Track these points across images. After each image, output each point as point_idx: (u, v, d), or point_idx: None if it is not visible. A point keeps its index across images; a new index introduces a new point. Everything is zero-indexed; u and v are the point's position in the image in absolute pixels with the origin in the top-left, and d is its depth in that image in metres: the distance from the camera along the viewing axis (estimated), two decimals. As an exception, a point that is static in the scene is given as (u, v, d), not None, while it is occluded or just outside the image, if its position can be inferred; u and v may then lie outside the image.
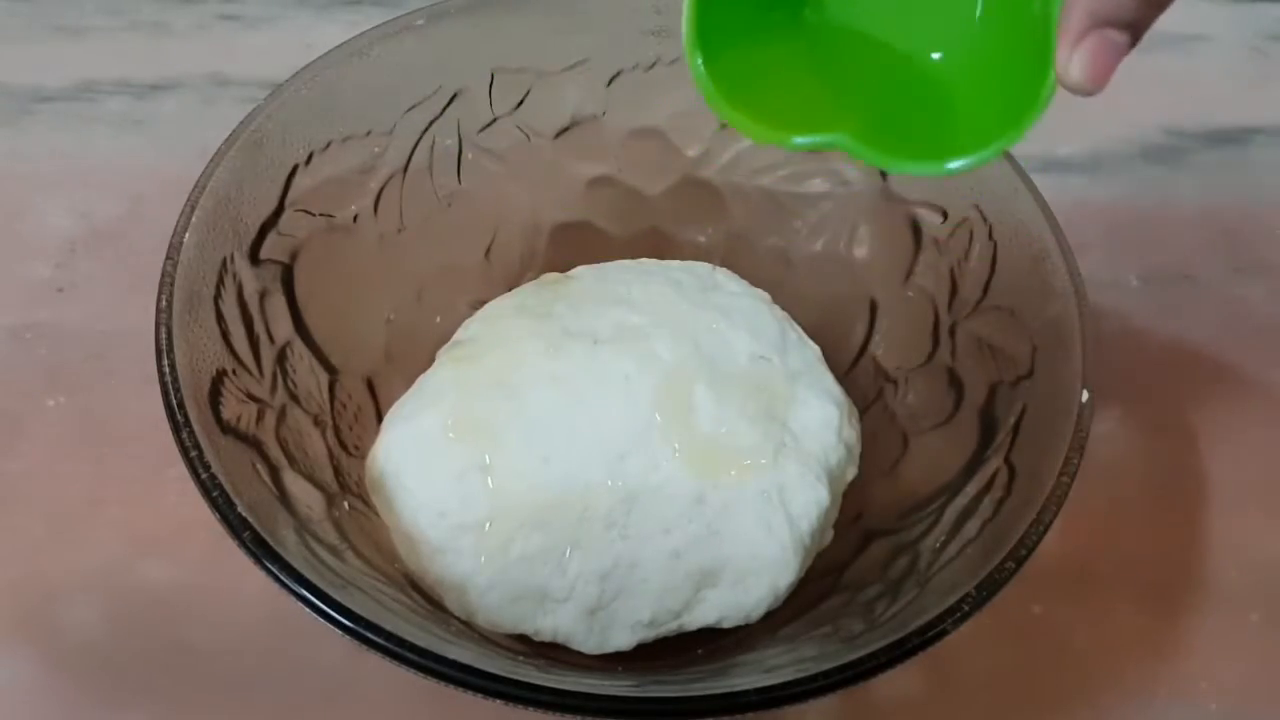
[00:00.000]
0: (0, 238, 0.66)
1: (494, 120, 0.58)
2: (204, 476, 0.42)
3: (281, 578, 0.40)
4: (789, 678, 0.40)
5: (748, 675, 0.45)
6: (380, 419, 0.55)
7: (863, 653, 0.41)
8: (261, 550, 0.40)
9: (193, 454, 0.42)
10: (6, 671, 0.52)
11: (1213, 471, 0.60)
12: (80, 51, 0.76)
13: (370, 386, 0.56)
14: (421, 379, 0.55)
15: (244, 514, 0.41)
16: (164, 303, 0.46)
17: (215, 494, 0.41)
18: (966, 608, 0.41)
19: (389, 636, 0.39)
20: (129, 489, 0.56)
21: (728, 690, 0.40)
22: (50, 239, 0.66)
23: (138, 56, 0.76)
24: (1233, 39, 0.82)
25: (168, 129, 0.72)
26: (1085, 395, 0.47)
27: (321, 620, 0.39)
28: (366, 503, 0.52)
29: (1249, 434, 0.62)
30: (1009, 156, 0.53)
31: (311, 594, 0.40)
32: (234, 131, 0.51)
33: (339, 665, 0.52)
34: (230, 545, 0.41)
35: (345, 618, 0.39)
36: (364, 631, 0.39)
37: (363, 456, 0.53)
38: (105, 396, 0.59)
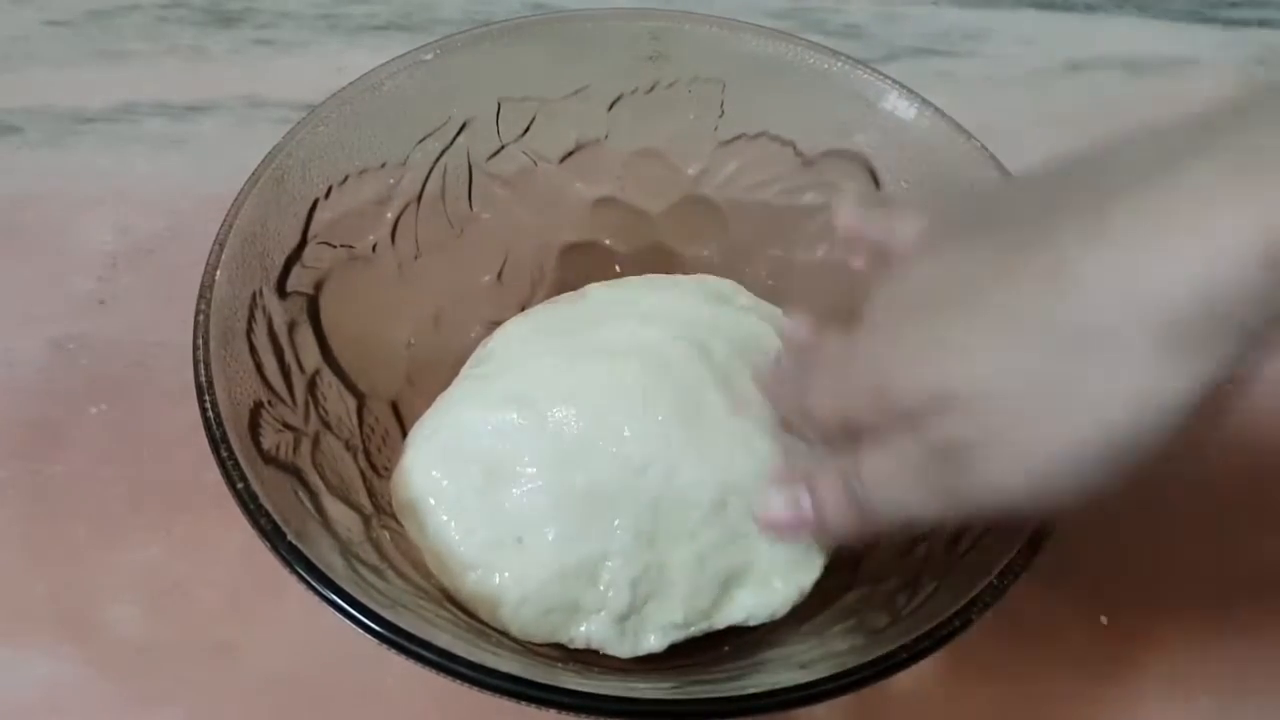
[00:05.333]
0: (45, 252, 0.66)
1: (502, 147, 0.58)
2: (252, 506, 0.41)
3: (338, 603, 0.39)
4: (826, 673, 0.40)
5: (782, 671, 0.45)
6: (405, 440, 0.54)
7: (896, 644, 0.41)
8: (315, 577, 0.40)
9: (240, 485, 0.42)
10: (50, 668, 0.52)
11: (1201, 476, 0.60)
12: (121, 75, 0.76)
13: (395, 409, 0.56)
14: (441, 398, 0.55)
15: (294, 542, 0.41)
16: (200, 341, 0.45)
17: (263, 522, 0.41)
18: (989, 597, 0.42)
19: (443, 654, 0.39)
20: (167, 492, 0.57)
21: (771, 688, 0.40)
22: (92, 253, 0.66)
23: (176, 79, 0.76)
24: (1222, 62, 0.83)
25: (205, 148, 0.72)
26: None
27: (374, 640, 0.39)
28: (399, 522, 0.51)
29: (1236, 441, 0.62)
30: (998, 167, 0.53)
31: (365, 616, 0.39)
32: (255, 170, 0.51)
33: (369, 665, 0.52)
34: (262, 546, 0.41)
35: (400, 637, 0.39)
36: (419, 650, 0.39)
37: (391, 477, 0.53)
38: (144, 404, 0.60)
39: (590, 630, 0.49)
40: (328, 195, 0.53)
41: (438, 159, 0.57)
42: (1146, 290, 0.33)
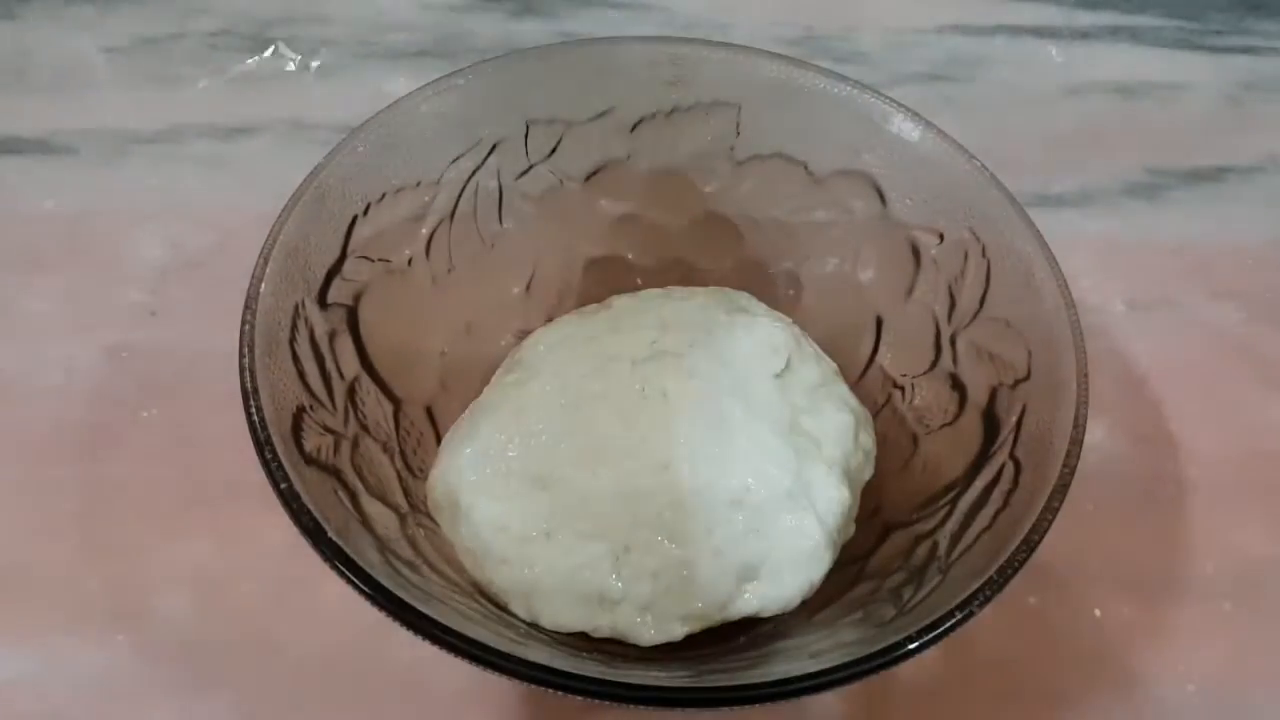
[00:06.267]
0: (99, 266, 0.67)
1: (530, 167, 0.58)
2: (295, 506, 0.42)
3: (375, 597, 0.40)
4: (835, 662, 0.40)
5: (794, 660, 0.45)
6: (440, 443, 0.55)
7: (900, 636, 0.41)
8: (354, 572, 0.40)
9: (283, 485, 0.42)
10: (104, 656, 0.53)
11: (1190, 476, 0.61)
12: (171, 98, 0.77)
13: (430, 413, 0.56)
14: (474, 404, 0.55)
15: (334, 539, 0.41)
16: (246, 349, 0.46)
17: (305, 520, 0.41)
18: (989, 590, 0.42)
19: (475, 644, 0.39)
20: (214, 492, 0.57)
21: (784, 676, 0.40)
22: (144, 267, 0.66)
23: (223, 102, 0.77)
24: (1210, 87, 0.84)
25: (250, 168, 0.73)
26: (1080, 394, 0.47)
27: (410, 631, 0.40)
28: (433, 520, 0.52)
29: (1222, 443, 0.62)
30: (998, 185, 0.53)
31: (401, 609, 0.40)
32: (298, 189, 0.51)
33: (405, 654, 0.52)
34: (304, 543, 0.41)
35: (434, 628, 0.39)
36: (453, 640, 0.39)
37: (426, 478, 0.53)
38: (193, 409, 0.60)
39: (615, 620, 0.49)
40: (366, 212, 0.53)
41: (470, 178, 0.57)
42: None
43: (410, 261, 0.56)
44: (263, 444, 0.43)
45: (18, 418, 0.60)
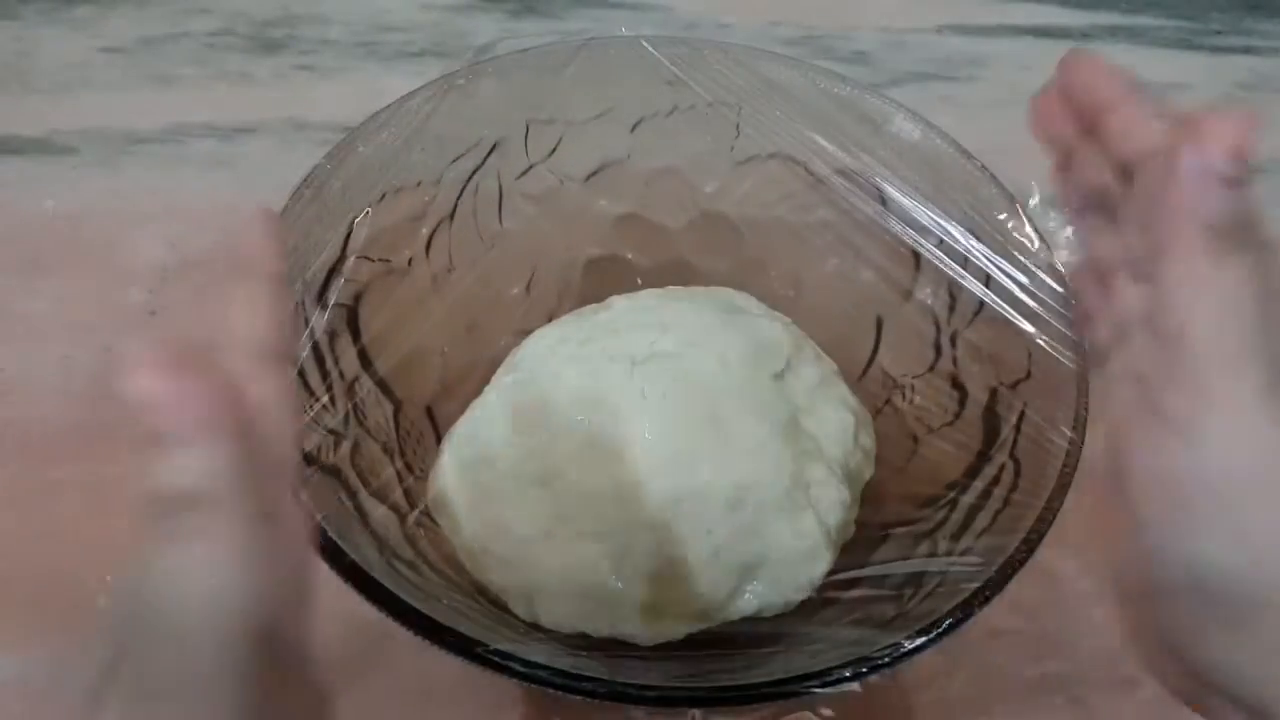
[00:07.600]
0: (99, 266, 0.67)
1: (530, 167, 0.59)
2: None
3: (376, 597, 0.40)
4: (835, 662, 0.40)
5: (794, 659, 0.45)
6: (440, 443, 0.54)
7: (900, 636, 0.41)
8: (354, 572, 0.40)
9: (283, 485, 0.42)
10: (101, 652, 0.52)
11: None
12: (171, 98, 0.77)
13: (430, 414, 0.56)
14: (475, 404, 0.55)
15: (335, 539, 0.41)
16: (246, 349, 0.46)
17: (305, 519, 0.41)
18: (989, 590, 0.42)
19: (474, 643, 0.39)
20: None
21: (784, 675, 0.40)
22: (143, 267, 0.66)
23: (223, 103, 0.77)
24: (1210, 87, 0.84)
25: (250, 168, 0.73)
26: (1080, 394, 0.47)
27: (411, 631, 0.40)
28: (433, 520, 0.51)
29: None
30: (998, 185, 0.53)
31: (400, 608, 0.40)
32: (297, 189, 0.51)
33: (405, 653, 0.52)
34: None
35: (432, 628, 0.40)
36: (450, 640, 0.39)
37: (426, 478, 0.53)
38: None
39: (614, 620, 0.49)
40: (365, 213, 0.53)
41: (470, 178, 0.57)
42: None
43: (410, 262, 0.56)
44: (264, 444, 0.43)
45: (18, 418, 0.59)
